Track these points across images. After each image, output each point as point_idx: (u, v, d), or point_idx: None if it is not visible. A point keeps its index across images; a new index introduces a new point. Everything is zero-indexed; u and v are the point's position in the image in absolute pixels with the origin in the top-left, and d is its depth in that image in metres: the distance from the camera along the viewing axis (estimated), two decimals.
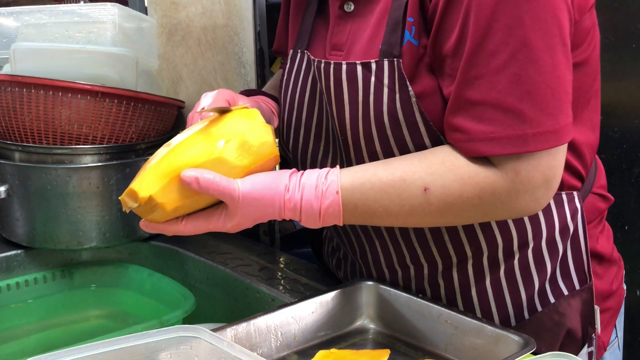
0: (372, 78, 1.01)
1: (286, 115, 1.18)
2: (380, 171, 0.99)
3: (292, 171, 1.01)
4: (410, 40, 0.99)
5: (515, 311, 1.10)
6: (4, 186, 1.45)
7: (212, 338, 0.86)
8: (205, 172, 0.96)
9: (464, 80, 0.95)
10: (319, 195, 0.98)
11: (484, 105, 0.94)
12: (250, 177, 0.98)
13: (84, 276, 1.56)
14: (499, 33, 0.91)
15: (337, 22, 1.10)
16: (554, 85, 0.93)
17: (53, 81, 1.38)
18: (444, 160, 0.97)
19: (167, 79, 1.79)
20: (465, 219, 1.01)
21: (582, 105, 1.07)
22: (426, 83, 1.00)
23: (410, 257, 1.12)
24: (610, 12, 1.70)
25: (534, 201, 0.97)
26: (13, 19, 1.57)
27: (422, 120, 1.00)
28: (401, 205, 0.98)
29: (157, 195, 0.97)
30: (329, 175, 0.99)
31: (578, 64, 1.02)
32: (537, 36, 0.91)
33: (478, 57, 0.93)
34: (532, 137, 0.93)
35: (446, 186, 0.96)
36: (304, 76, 1.14)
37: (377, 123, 1.02)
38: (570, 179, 1.09)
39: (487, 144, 0.94)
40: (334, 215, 0.99)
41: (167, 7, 1.74)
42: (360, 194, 0.98)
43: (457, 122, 0.96)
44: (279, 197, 0.98)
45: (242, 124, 1.02)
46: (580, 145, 1.09)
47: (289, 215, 0.99)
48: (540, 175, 0.95)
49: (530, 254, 1.08)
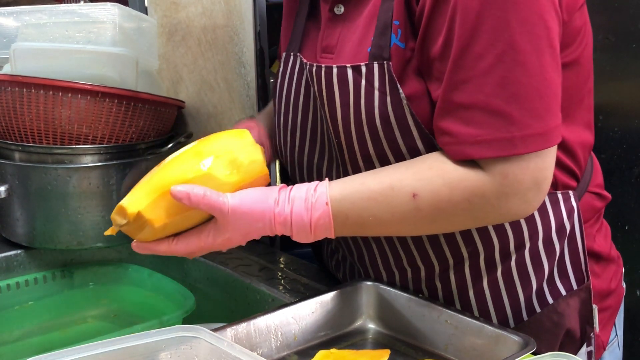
0: (363, 81, 1.01)
1: (282, 119, 1.18)
2: (369, 180, 0.99)
3: (281, 186, 1.01)
4: (396, 43, 0.99)
5: (514, 312, 1.10)
6: (4, 186, 1.45)
7: (212, 338, 0.86)
8: (195, 187, 0.96)
9: (451, 84, 0.94)
10: (309, 207, 0.98)
11: (471, 108, 0.93)
12: (239, 192, 0.99)
13: (84, 276, 1.56)
14: (485, 36, 0.91)
15: (327, 24, 1.10)
16: (542, 88, 0.93)
17: (53, 81, 1.38)
18: (432, 166, 0.97)
19: (167, 79, 1.79)
20: (456, 224, 1.01)
21: (575, 105, 1.07)
22: (414, 86, 1.00)
23: (407, 260, 1.12)
24: (610, 12, 1.70)
25: (525, 204, 0.96)
26: (13, 19, 1.57)
27: (414, 122, 1.00)
28: (392, 213, 0.98)
29: (145, 212, 0.97)
30: (318, 187, 1.00)
31: (569, 63, 1.02)
32: (524, 38, 0.91)
33: (464, 60, 0.93)
34: (519, 139, 0.92)
35: (435, 191, 0.96)
36: (298, 79, 1.14)
37: (369, 126, 1.02)
38: (564, 178, 1.09)
39: (475, 146, 0.94)
40: (325, 227, 0.99)
41: (167, 7, 1.74)
42: (350, 203, 0.98)
43: (445, 126, 0.96)
44: (269, 211, 0.98)
45: (232, 143, 1.03)
46: (573, 144, 1.09)
47: (279, 229, 0.99)
48: (529, 177, 0.95)
49: (527, 255, 1.08)
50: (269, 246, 1.65)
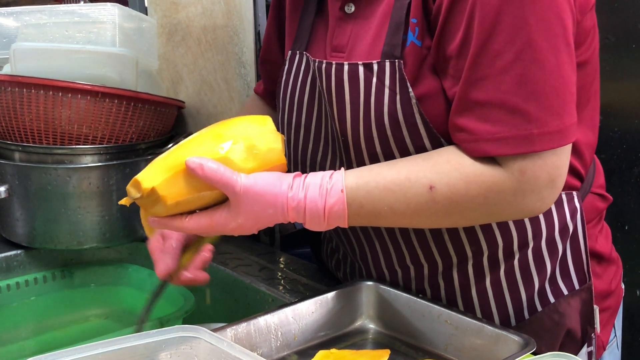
0: (374, 79, 1.01)
1: (286, 116, 1.18)
2: (385, 170, 0.99)
3: (296, 173, 1.00)
4: (413, 42, 1.00)
5: (516, 311, 1.10)
6: (4, 186, 1.45)
7: (212, 338, 0.86)
8: (210, 160, 0.96)
9: (469, 81, 0.95)
10: (324, 194, 0.97)
11: (489, 106, 0.94)
12: (253, 174, 0.98)
13: (84, 276, 1.56)
14: (503, 33, 0.92)
15: (337, 23, 1.10)
16: (559, 86, 0.93)
17: (53, 81, 1.38)
18: (449, 159, 0.97)
19: (167, 79, 1.79)
20: (471, 219, 1.01)
21: (582, 105, 1.07)
22: (430, 84, 1.00)
23: (410, 258, 1.12)
24: (610, 12, 1.70)
25: (540, 201, 0.97)
26: (13, 19, 1.57)
27: (422, 122, 1.00)
28: (407, 204, 0.98)
29: (159, 188, 0.97)
30: (333, 175, 0.99)
31: (579, 64, 1.02)
32: (542, 36, 0.91)
33: (483, 57, 0.93)
34: (537, 136, 0.93)
35: (452, 184, 0.96)
36: (303, 77, 1.14)
37: (377, 124, 1.02)
38: (569, 179, 1.09)
39: (493, 144, 0.94)
40: (339, 215, 0.98)
41: (167, 7, 1.74)
42: (366, 192, 0.98)
43: (463, 123, 0.96)
44: (282, 195, 0.97)
45: (252, 129, 1.02)
46: (580, 145, 1.09)
47: (292, 215, 0.98)
48: (546, 174, 0.95)
49: (530, 254, 1.08)
50: (269, 246, 1.65)
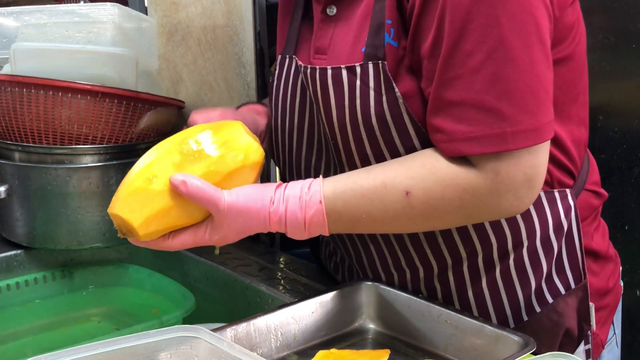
0: (358, 81, 1.01)
1: (279, 121, 1.18)
2: (362, 178, 1.00)
3: (278, 184, 1.01)
4: (389, 42, 1.00)
5: (513, 312, 1.10)
6: (4, 186, 1.45)
7: (212, 338, 0.86)
8: (193, 177, 0.97)
9: (442, 81, 0.95)
10: (303, 206, 0.99)
11: (462, 105, 0.94)
12: (236, 189, 0.99)
13: (84, 276, 1.56)
14: (475, 33, 0.91)
15: (320, 25, 1.10)
16: (532, 84, 0.93)
17: (53, 81, 1.38)
18: (424, 163, 0.97)
19: (167, 79, 1.79)
20: (449, 222, 1.01)
21: (570, 101, 1.07)
22: (408, 84, 1.00)
23: (405, 261, 1.12)
24: (610, 12, 1.70)
25: (517, 200, 0.96)
26: (13, 19, 1.57)
27: (410, 121, 1.00)
28: (384, 211, 0.98)
29: (139, 229, 0.99)
30: (312, 185, 1.00)
31: (562, 59, 1.02)
32: (514, 35, 0.91)
33: (455, 57, 0.93)
34: (511, 135, 0.93)
35: (427, 189, 0.96)
36: (293, 81, 1.14)
37: (365, 126, 1.02)
38: (560, 176, 1.09)
39: (467, 143, 0.94)
40: (319, 225, 0.99)
41: (167, 7, 1.74)
42: (343, 201, 0.99)
43: (437, 123, 0.96)
44: (264, 209, 0.98)
45: (225, 131, 1.03)
46: (567, 141, 1.08)
47: (275, 227, 0.99)
48: (521, 174, 0.95)
49: (525, 254, 1.08)
50: (269, 246, 1.65)
